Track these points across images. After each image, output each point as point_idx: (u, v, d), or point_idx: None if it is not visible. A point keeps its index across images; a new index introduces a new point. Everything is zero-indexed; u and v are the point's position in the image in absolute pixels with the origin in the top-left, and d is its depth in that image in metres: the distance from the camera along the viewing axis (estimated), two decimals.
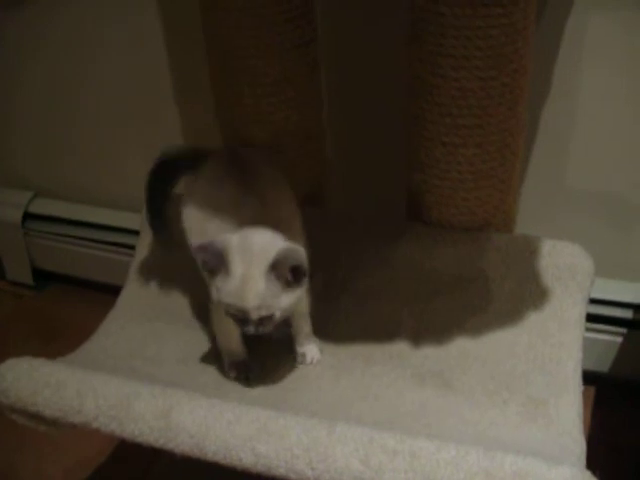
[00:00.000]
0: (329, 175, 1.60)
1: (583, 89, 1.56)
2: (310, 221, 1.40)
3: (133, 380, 1.20)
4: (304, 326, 1.36)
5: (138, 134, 2.11)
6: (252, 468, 1.08)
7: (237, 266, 1.16)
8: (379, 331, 1.41)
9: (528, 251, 1.42)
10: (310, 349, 1.37)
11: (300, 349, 1.37)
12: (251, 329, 1.17)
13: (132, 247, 2.15)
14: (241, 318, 1.18)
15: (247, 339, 1.33)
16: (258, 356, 1.36)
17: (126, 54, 1.98)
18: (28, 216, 2.35)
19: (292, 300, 1.18)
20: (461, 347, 1.36)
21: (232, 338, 1.33)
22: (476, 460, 1.00)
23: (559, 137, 1.62)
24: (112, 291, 1.59)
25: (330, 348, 1.39)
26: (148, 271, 1.58)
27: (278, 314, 1.18)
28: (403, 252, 1.48)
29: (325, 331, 1.40)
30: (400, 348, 1.37)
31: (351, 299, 1.46)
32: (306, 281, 1.19)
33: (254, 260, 1.16)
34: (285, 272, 1.15)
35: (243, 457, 1.08)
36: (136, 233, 2.12)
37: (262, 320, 1.17)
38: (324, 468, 1.04)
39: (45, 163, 2.33)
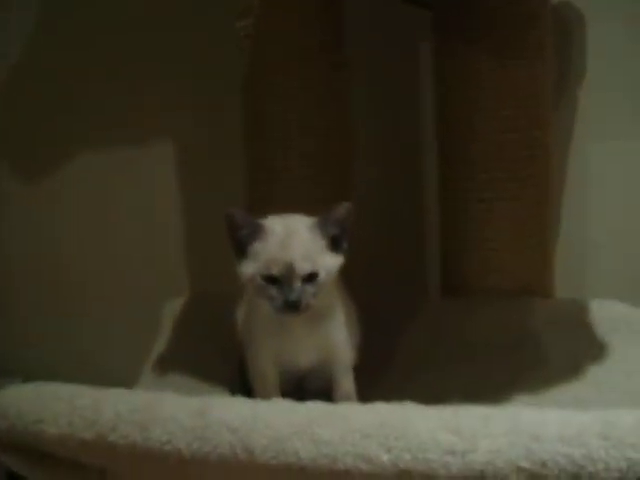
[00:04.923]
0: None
1: None
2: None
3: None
4: (344, 382, 1.21)
5: None
6: (310, 463, 0.88)
7: (277, 228, 1.10)
8: (426, 400, 1.26)
9: (577, 309, 1.35)
10: None
11: None
12: (294, 295, 1.05)
13: None
14: (283, 281, 1.06)
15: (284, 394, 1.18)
16: None
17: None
18: None
19: (335, 265, 1.10)
20: (521, 403, 1.21)
21: (269, 386, 1.19)
22: None
23: None
24: None
25: None
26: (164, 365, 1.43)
27: (323, 275, 1.07)
28: (444, 324, 1.39)
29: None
30: None
31: (394, 372, 1.34)
32: (346, 248, 1.11)
33: (295, 222, 1.11)
34: (330, 229, 1.09)
35: (300, 448, 0.89)
36: None
37: (306, 283, 1.06)
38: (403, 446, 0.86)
39: None
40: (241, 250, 1.10)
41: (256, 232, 1.09)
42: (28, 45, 1.92)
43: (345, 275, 1.19)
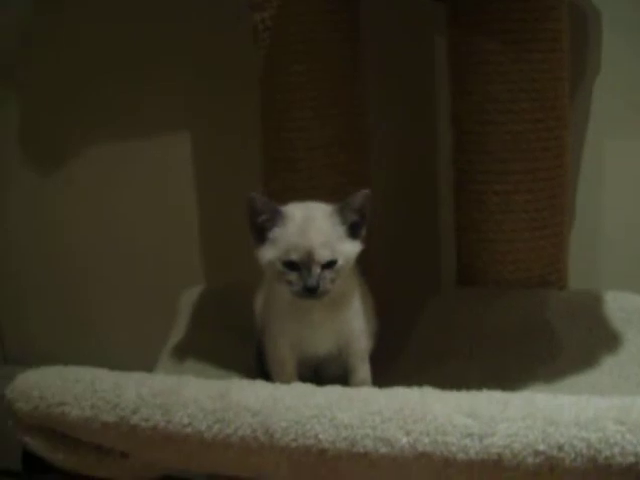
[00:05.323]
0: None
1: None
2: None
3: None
4: (360, 369, 1.22)
5: None
6: (330, 445, 0.90)
7: (297, 214, 1.11)
8: (442, 389, 1.27)
9: (591, 301, 1.35)
10: None
11: None
12: (312, 280, 1.06)
13: None
14: (302, 266, 1.08)
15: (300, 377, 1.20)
16: None
17: None
18: None
19: (353, 252, 1.12)
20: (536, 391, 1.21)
21: (287, 372, 1.19)
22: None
23: None
24: None
25: None
26: (181, 352, 1.44)
27: (341, 261, 1.09)
28: (459, 314, 1.39)
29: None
30: None
31: (409, 361, 1.35)
32: (364, 235, 1.13)
33: (315, 209, 1.13)
34: (348, 216, 1.11)
35: (320, 431, 0.90)
36: None
37: (324, 269, 1.08)
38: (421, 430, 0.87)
39: None
40: (261, 235, 1.11)
41: (276, 218, 1.11)
42: (47, 30, 1.93)
43: (362, 264, 1.21)
